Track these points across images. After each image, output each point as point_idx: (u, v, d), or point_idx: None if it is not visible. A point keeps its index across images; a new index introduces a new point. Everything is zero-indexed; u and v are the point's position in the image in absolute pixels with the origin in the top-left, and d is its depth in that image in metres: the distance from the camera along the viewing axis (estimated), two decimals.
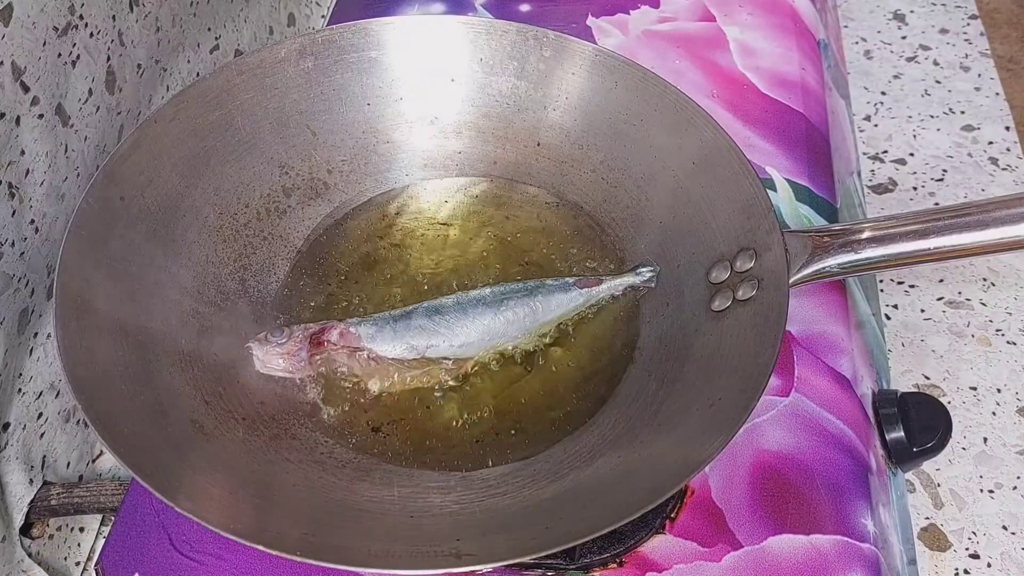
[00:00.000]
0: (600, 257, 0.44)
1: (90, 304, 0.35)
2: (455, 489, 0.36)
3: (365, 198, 0.46)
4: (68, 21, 0.41)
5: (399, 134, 0.47)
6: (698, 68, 0.56)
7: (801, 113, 0.53)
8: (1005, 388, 0.53)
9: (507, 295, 0.41)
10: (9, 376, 0.40)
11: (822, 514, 0.37)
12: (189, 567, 0.37)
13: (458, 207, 0.46)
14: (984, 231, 0.37)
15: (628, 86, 0.44)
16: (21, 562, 0.41)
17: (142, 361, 0.35)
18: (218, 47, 0.57)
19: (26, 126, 0.39)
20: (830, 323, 0.43)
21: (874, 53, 0.75)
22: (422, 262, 0.44)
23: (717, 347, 0.37)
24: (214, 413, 0.36)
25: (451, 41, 0.46)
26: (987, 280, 0.58)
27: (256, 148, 0.44)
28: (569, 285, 0.42)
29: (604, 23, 0.59)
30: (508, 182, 0.47)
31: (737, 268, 0.38)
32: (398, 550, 0.31)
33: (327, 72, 0.45)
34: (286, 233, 0.44)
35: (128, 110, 0.47)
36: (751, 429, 0.39)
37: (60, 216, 0.42)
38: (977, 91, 0.71)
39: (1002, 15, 0.79)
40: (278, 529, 0.31)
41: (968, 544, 0.47)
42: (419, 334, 0.39)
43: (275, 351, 0.38)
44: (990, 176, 0.64)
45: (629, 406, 0.38)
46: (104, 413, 0.32)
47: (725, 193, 0.40)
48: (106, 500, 0.41)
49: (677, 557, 0.36)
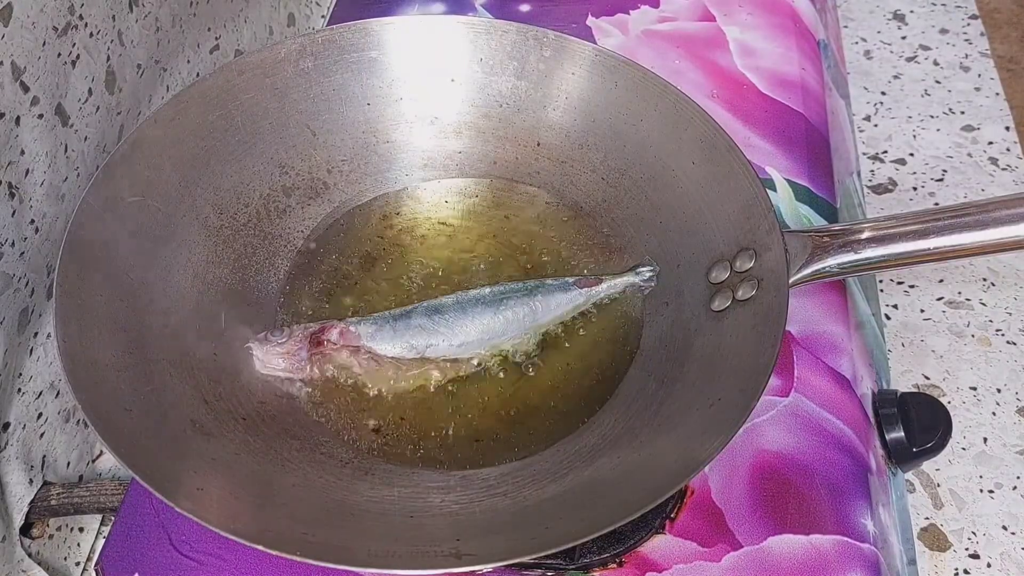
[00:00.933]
0: (600, 257, 0.44)
1: (90, 304, 0.35)
2: (455, 489, 0.36)
3: (365, 198, 0.46)
4: (68, 21, 0.41)
5: (399, 134, 0.47)
6: (698, 68, 0.56)
7: (801, 113, 0.53)
8: (1005, 388, 0.53)
9: (507, 295, 0.41)
10: (9, 376, 0.40)
11: (822, 514, 0.37)
12: (189, 567, 0.37)
13: (458, 207, 0.46)
14: (984, 231, 0.37)
15: (628, 86, 0.44)
16: (21, 562, 0.41)
17: (142, 361, 0.35)
18: (218, 47, 0.57)
19: (26, 126, 0.39)
20: (830, 323, 0.43)
21: (874, 53, 0.75)
22: (422, 261, 0.44)
23: (717, 347, 0.37)
24: (214, 413, 0.36)
25: (451, 41, 0.46)
26: (987, 280, 0.58)
27: (256, 148, 0.44)
28: (569, 285, 0.42)
29: (604, 23, 0.59)
30: (508, 182, 0.47)
31: (737, 268, 0.38)
32: (398, 550, 0.31)
33: (327, 72, 0.45)
34: (286, 233, 0.44)
35: (128, 110, 0.47)
36: (751, 429, 0.39)
37: (60, 216, 0.42)
38: (977, 91, 0.71)
39: (1002, 15, 0.78)
40: (278, 529, 0.31)
41: (968, 544, 0.47)
42: (419, 333, 0.39)
43: (275, 351, 0.38)
44: (990, 176, 0.64)
45: (629, 406, 0.38)
46: (104, 413, 0.32)
47: (725, 193, 0.40)
48: (106, 500, 0.41)
49: (677, 557, 0.36)
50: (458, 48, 0.46)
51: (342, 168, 0.46)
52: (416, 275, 0.43)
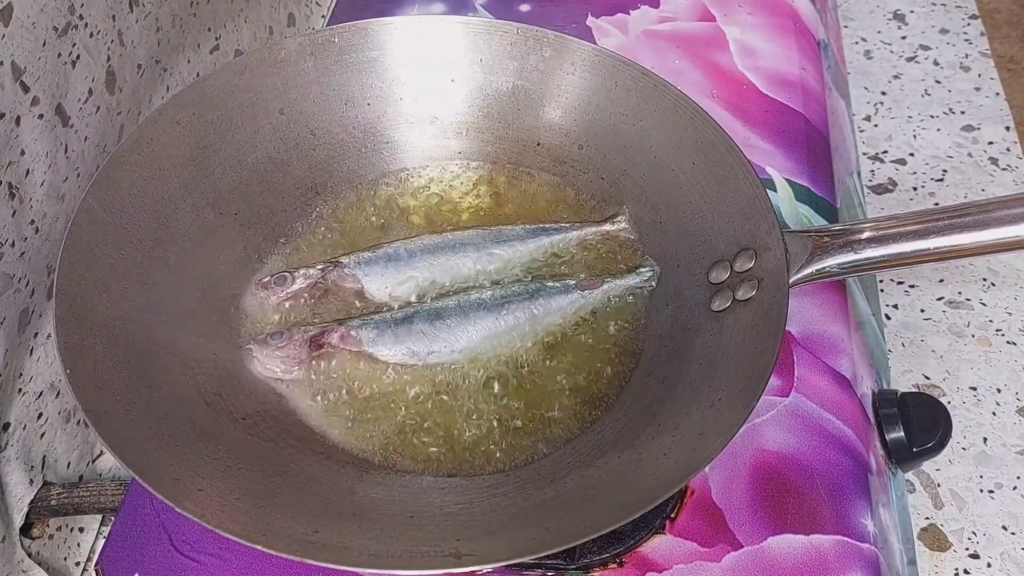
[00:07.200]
0: (600, 257, 0.44)
1: (90, 304, 0.35)
2: (455, 489, 0.36)
3: (365, 198, 0.46)
4: (68, 21, 0.41)
5: (399, 134, 0.47)
6: (698, 68, 0.56)
7: (801, 113, 0.53)
8: (1005, 388, 0.53)
9: (508, 298, 0.41)
10: (9, 376, 0.40)
11: (822, 514, 0.37)
12: (189, 567, 0.37)
13: (458, 207, 0.46)
14: (984, 231, 0.37)
15: (628, 86, 0.44)
16: (21, 562, 0.41)
17: (142, 361, 0.35)
18: (218, 47, 0.57)
19: (26, 126, 0.39)
20: (830, 323, 0.43)
21: (874, 53, 0.75)
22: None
23: (717, 347, 0.37)
24: (214, 413, 0.36)
25: (451, 41, 0.46)
26: (987, 280, 0.58)
27: (256, 148, 0.44)
28: (570, 287, 0.42)
29: (604, 23, 0.59)
30: (508, 182, 0.47)
31: (737, 268, 0.38)
32: (398, 550, 0.31)
33: (327, 72, 0.45)
34: (286, 232, 0.44)
35: (128, 110, 0.47)
36: (751, 429, 0.39)
37: (60, 216, 0.42)
38: (977, 91, 0.71)
39: (1002, 15, 0.79)
40: (278, 529, 0.31)
41: (968, 544, 0.47)
42: (420, 339, 0.39)
43: (275, 353, 0.38)
44: (990, 176, 0.64)
45: (629, 406, 0.38)
46: (104, 413, 0.32)
47: (725, 193, 0.40)
48: (106, 500, 0.41)
49: (677, 557, 0.36)
50: (458, 48, 0.46)
51: (342, 168, 0.46)
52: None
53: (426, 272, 0.42)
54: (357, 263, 0.42)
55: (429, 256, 0.42)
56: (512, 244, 0.43)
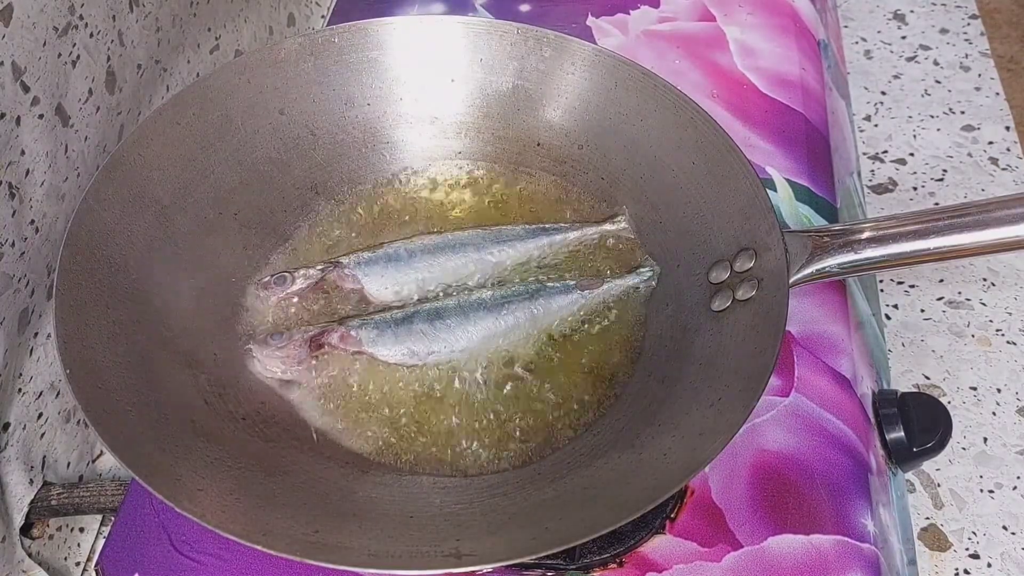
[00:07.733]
0: (600, 257, 0.44)
1: (90, 304, 0.35)
2: (455, 489, 0.36)
3: (365, 198, 0.46)
4: (68, 21, 0.41)
5: (399, 134, 0.47)
6: (698, 68, 0.56)
7: (801, 113, 0.53)
8: (1005, 388, 0.53)
9: (508, 298, 0.41)
10: (9, 376, 0.40)
11: (822, 514, 0.37)
12: (189, 567, 0.37)
13: (458, 207, 0.46)
14: (984, 231, 0.37)
15: (628, 86, 0.44)
16: (21, 562, 0.41)
17: (142, 361, 0.35)
18: (218, 47, 0.57)
19: (26, 126, 0.39)
20: (830, 323, 0.43)
21: (874, 53, 0.75)
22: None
23: (717, 347, 0.37)
24: (214, 413, 0.36)
25: (451, 41, 0.46)
26: (987, 280, 0.58)
27: (256, 148, 0.44)
28: (569, 287, 0.42)
29: (604, 23, 0.59)
30: (508, 182, 0.47)
31: (737, 268, 0.38)
32: (398, 550, 0.31)
33: (327, 72, 0.45)
34: (286, 232, 0.44)
35: (128, 110, 0.47)
36: (751, 429, 0.39)
37: (60, 216, 0.42)
38: (977, 91, 0.71)
39: (1002, 15, 0.79)
40: (278, 529, 0.31)
41: (968, 544, 0.47)
42: (420, 339, 0.39)
43: (275, 353, 0.38)
44: (990, 176, 0.64)
45: (629, 406, 0.38)
46: (104, 413, 0.32)
47: (725, 193, 0.40)
48: (106, 500, 0.41)
49: (677, 557, 0.36)
50: (458, 48, 0.46)
51: (342, 168, 0.46)
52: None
53: (426, 272, 0.42)
54: (357, 263, 0.42)
55: (429, 256, 0.42)
56: (512, 244, 0.43)
